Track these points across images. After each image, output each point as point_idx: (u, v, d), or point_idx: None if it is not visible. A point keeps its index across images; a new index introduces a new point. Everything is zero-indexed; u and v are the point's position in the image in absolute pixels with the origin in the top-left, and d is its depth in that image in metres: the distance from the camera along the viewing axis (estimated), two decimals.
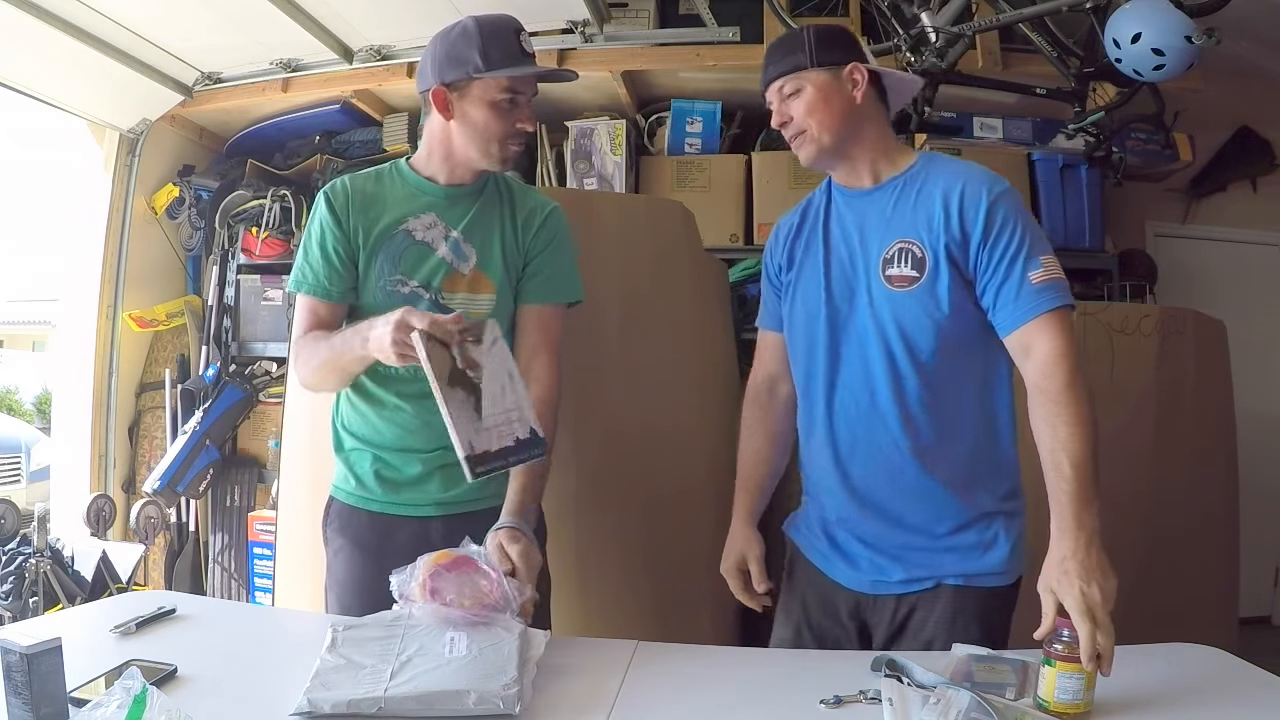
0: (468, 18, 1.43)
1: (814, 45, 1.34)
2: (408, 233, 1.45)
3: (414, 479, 1.47)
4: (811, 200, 1.48)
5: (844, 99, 1.34)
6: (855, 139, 1.36)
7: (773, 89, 1.38)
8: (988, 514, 1.32)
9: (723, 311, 2.37)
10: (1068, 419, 1.18)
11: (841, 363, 1.36)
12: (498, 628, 1.15)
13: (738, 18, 3.01)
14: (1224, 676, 1.18)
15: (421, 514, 1.48)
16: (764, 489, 1.54)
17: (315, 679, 1.04)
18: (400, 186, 1.49)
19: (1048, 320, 1.23)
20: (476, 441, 1.16)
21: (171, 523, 3.45)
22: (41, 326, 10.77)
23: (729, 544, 1.51)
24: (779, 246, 1.50)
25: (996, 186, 1.28)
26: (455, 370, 1.16)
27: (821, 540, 1.42)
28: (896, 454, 1.32)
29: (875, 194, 1.37)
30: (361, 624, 1.18)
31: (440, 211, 1.48)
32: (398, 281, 1.44)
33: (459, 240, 1.47)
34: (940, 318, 1.28)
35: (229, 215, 3.51)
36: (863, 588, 1.37)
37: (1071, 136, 2.87)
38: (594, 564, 1.87)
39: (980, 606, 1.29)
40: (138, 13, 2.81)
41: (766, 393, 1.55)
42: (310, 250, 1.46)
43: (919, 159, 1.37)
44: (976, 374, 1.32)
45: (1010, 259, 1.25)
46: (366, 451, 1.49)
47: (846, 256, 1.37)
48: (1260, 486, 2.80)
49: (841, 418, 1.36)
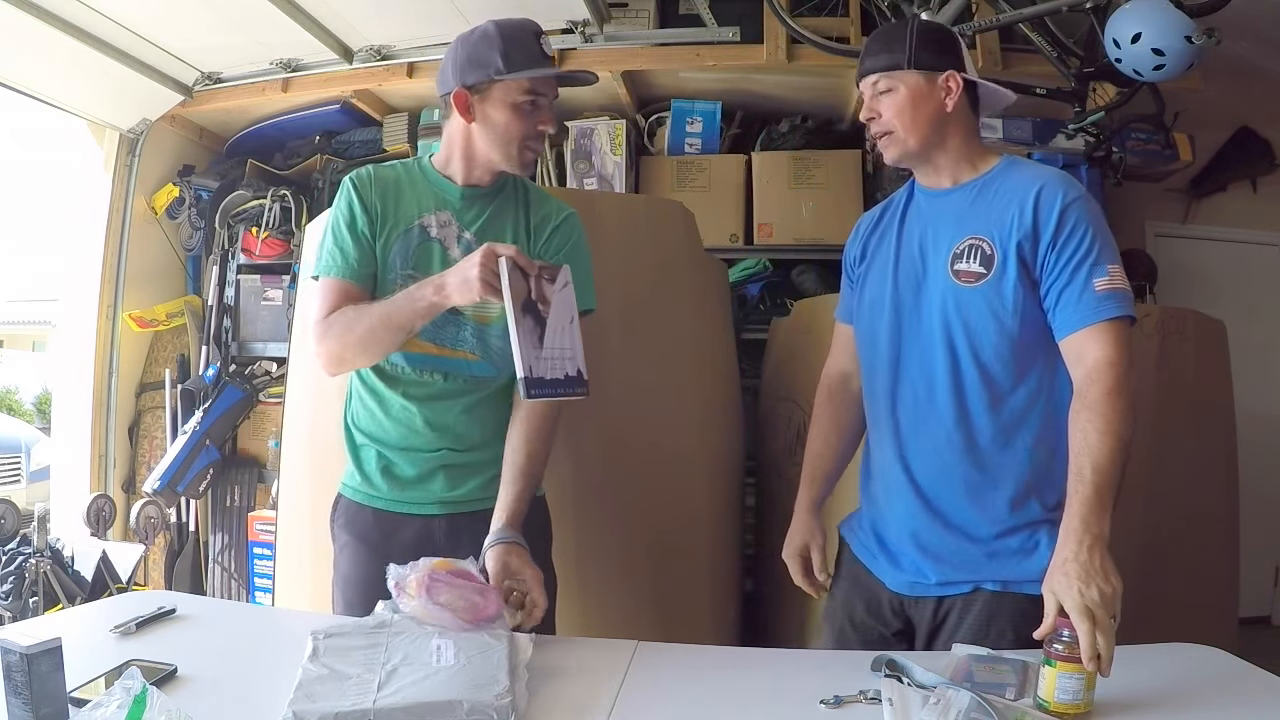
0: (488, 22, 1.44)
1: (915, 45, 1.33)
2: (423, 228, 1.46)
3: (417, 478, 1.48)
4: (894, 198, 1.48)
5: (935, 105, 1.33)
6: (940, 145, 1.36)
7: (866, 82, 1.37)
8: (1034, 523, 1.30)
9: (723, 312, 2.37)
10: (1099, 426, 1.17)
11: (903, 355, 1.37)
12: (484, 635, 1.14)
13: (738, 18, 3.01)
14: (1224, 676, 1.17)
15: (425, 512, 1.48)
16: (829, 479, 1.55)
17: (299, 690, 1.02)
18: (420, 182, 1.50)
19: (1105, 328, 1.22)
20: (535, 366, 1.24)
21: (171, 523, 3.45)
22: (41, 326, 10.77)
23: (792, 531, 1.52)
24: (856, 240, 1.52)
25: (1072, 191, 1.28)
26: (529, 300, 1.25)
27: (870, 539, 1.43)
28: (950, 450, 1.32)
29: (953, 194, 1.37)
30: (343, 632, 1.16)
31: (456, 211, 1.48)
32: (408, 276, 1.43)
33: (471, 241, 1.46)
34: (1004, 315, 1.28)
35: (229, 215, 3.51)
36: (902, 588, 1.37)
37: (1071, 136, 2.87)
38: (594, 564, 1.87)
39: (1016, 612, 1.27)
40: (138, 13, 2.81)
41: (839, 385, 1.57)
42: (339, 234, 1.45)
43: (1000, 162, 1.37)
44: (1037, 380, 1.31)
45: (1077, 263, 1.25)
46: (373, 448, 1.50)
47: (917, 251, 1.38)
48: (1260, 486, 2.80)
49: (902, 410, 1.37)
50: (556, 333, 1.27)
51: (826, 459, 1.55)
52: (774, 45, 2.99)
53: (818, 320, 2.42)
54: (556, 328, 1.27)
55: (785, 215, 3.22)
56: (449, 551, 1.45)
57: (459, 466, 1.48)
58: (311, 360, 2.13)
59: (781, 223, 3.22)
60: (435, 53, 3.13)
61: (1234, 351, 2.47)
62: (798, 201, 3.21)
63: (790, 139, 3.32)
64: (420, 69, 3.18)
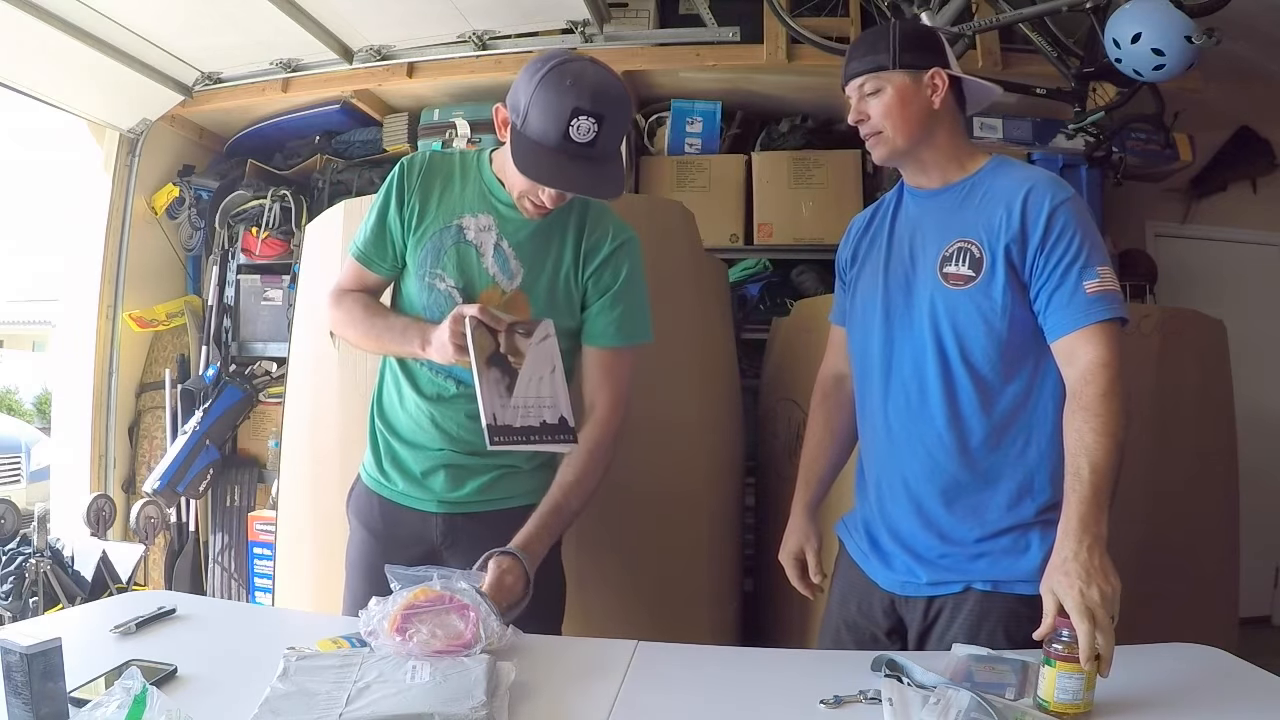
0: (549, 65, 1.27)
1: (898, 46, 1.34)
2: (460, 229, 1.42)
3: (420, 473, 1.49)
4: (884, 200, 1.49)
5: (922, 103, 1.34)
6: (928, 142, 1.36)
7: (853, 85, 1.38)
8: (1025, 524, 1.30)
9: (723, 311, 2.37)
10: (1096, 426, 1.18)
11: (894, 357, 1.37)
12: (462, 658, 1.10)
13: (738, 18, 3.01)
14: (1224, 676, 1.17)
15: (424, 508, 1.49)
16: (824, 481, 1.56)
17: (264, 706, 0.98)
18: (474, 178, 1.45)
19: (1097, 330, 1.23)
20: (500, 415, 1.28)
21: (171, 523, 3.45)
22: (41, 326, 10.76)
23: (787, 534, 1.53)
24: (848, 243, 1.53)
25: (1061, 193, 1.28)
26: (496, 354, 1.29)
27: (864, 539, 1.43)
28: (941, 452, 1.32)
29: (941, 195, 1.38)
30: (316, 654, 1.13)
31: (500, 217, 1.42)
32: (436, 276, 1.43)
33: (509, 254, 1.42)
34: (994, 318, 1.28)
35: (229, 215, 3.51)
36: (894, 588, 1.37)
37: (1071, 136, 2.87)
38: (594, 564, 1.87)
39: (1007, 612, 1.27)
40: (138, 13, 2.82)
41: (834, 387, 1.58)
42: (370, 218, 1.48)
43: (988, 163, 1.37)
44: (1027, 382, 1.31)
45: (1067, 265, 1.24)
46: (388, 438, 1.53)
47: (907, 254, 1.38)
48: (1260, 486, 2.80)
49: (894, 412, 1.37)
50: (532, 383, 1.31)
51: (821, 462, 1.56)
52: (774, 45, 2.99)
53: (818, 320, 2.41)
54: (532, 378, 1.31)
55: (785, 215, 3.22)
56: (444, 549, 1.48)
57: (460, 467, 1.48)
58: (311, 360, 2.14)
59: (781, 223, 3.22)
60: (435, 53, 3.14)
61: (1234, 351, 2.47)
62: (797, 201, 3.21)
63: (790, 139, 3.32)
64: (420, 69, 3.18)
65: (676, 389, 2.05)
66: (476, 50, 3.05)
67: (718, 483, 2.20)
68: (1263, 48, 2.77)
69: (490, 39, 3.04)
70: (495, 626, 1.16)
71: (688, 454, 2.07)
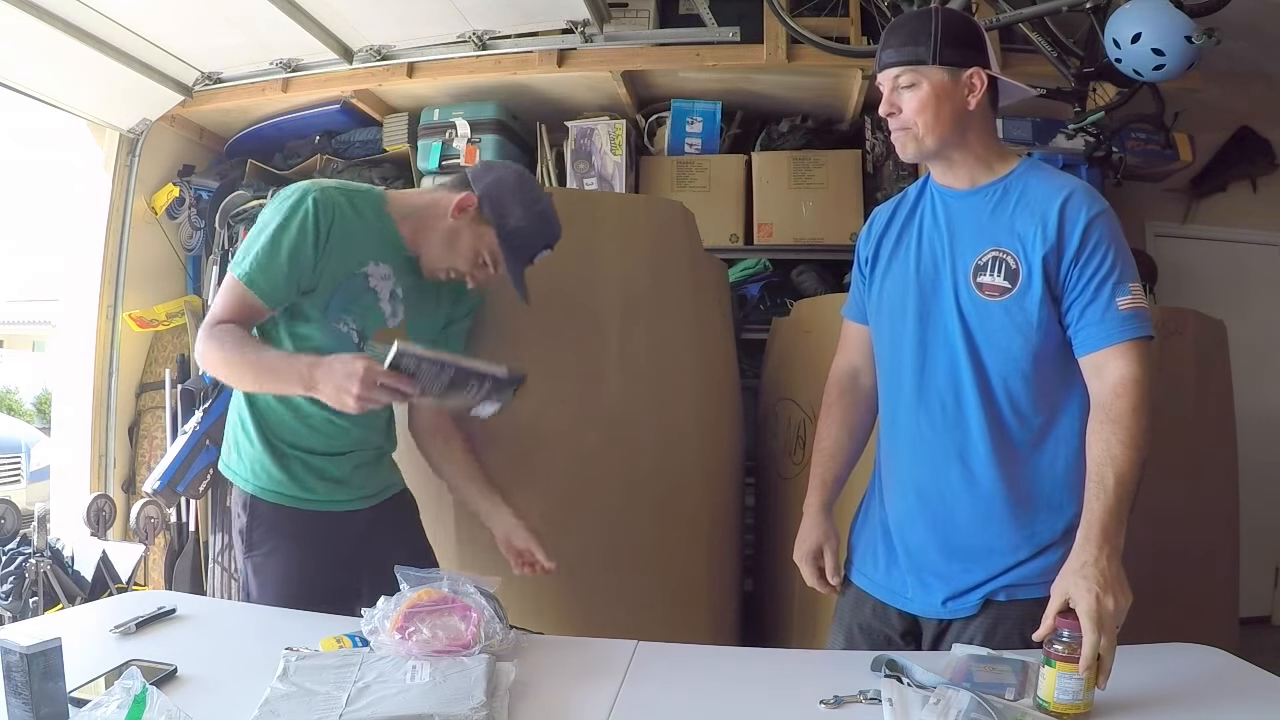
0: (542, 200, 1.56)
1: (940, 40, 1.27)
2: (365, 276, 1.51)
3: (342, 478, 1.60)
4: (907, 194, 1.44)
5: (958, 104, 1.28)
6: (959, 144, 1.31)
7: (886, 75, 1.31)
8: (1052, 544, 1.28)
9: (723, 311, 2.37)
10: (1123, 439, 1.17)
11: (928, 365, 1.34)
12: (462, 658, 1.11)
13: (738, 18, 3.00)
14: (1224, 676, 1.18)
15: (353, 507, 1.61)
16: (840, 480, 1.52)
17: (264, 707, 0.99)
18: (375, 228, 1.53)
19: (1129, 347, 1.22)
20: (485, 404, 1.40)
21: (171, 523, 3.45)
22: (41, 326, 10.77)
23: (803, 534, 1.49)
24: (870, 239, 1.47)
25: (1096, 205, 1.25)
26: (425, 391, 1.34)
27: (879, 544, 1.42)
28: (978, 462, 1.30)
29: (971, 197, 1.34)
30: (316, 654, 1.14)
31: (394, 265, 1.55)
32: (340, 320, 1.49)
33: (398, 295, 1.56)
34: (1029, 330, 1.26)
35: (229, 215, 3.51)
36: (913, 610, 1.36)
37: (1071, 136, 2.87)
38: (594, 564, 1.87)
39: (1022, 617, 1.25)
40: (138, 13, 2.81)
41: (850, 382, 1.54)
42: (279, 252, 1.41)
43: (1019, 165, 1.33)
44: (1058, 395, 1.29)
45: (1100, 281, 1.23)
46: (301, 455, 1.55)
47: (938, 257, 1.35)
48: (1260, 486, 2.80)
49: (925, 419, 1.34)
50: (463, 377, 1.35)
51: (838, 460, 1.52)
52: (774, 45, 2.99)
53: (818, 320, 2.42)
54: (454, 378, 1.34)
55: (785, 215, 3.22)
56: (376, 537, 1.61)
57: (370, 464, 1.64)
58: None
59: (781, 223, 3.22)
60: (435, 53, 3.14)
61: (1234, 351, 2.47)
62: (797, 201, 3.21)
63: (790, 139, 3.32)
64: (420, 69, 3.18)
65: (676, 389, 2.05)
66: (476, 50, 3.05)
67: (717, 483, 2.20)
68: (1263, 48, 2.77)
69: (490, 39, 3.03)
70: (498, 629, 1.17)
71: (687, 454, 2.07)
